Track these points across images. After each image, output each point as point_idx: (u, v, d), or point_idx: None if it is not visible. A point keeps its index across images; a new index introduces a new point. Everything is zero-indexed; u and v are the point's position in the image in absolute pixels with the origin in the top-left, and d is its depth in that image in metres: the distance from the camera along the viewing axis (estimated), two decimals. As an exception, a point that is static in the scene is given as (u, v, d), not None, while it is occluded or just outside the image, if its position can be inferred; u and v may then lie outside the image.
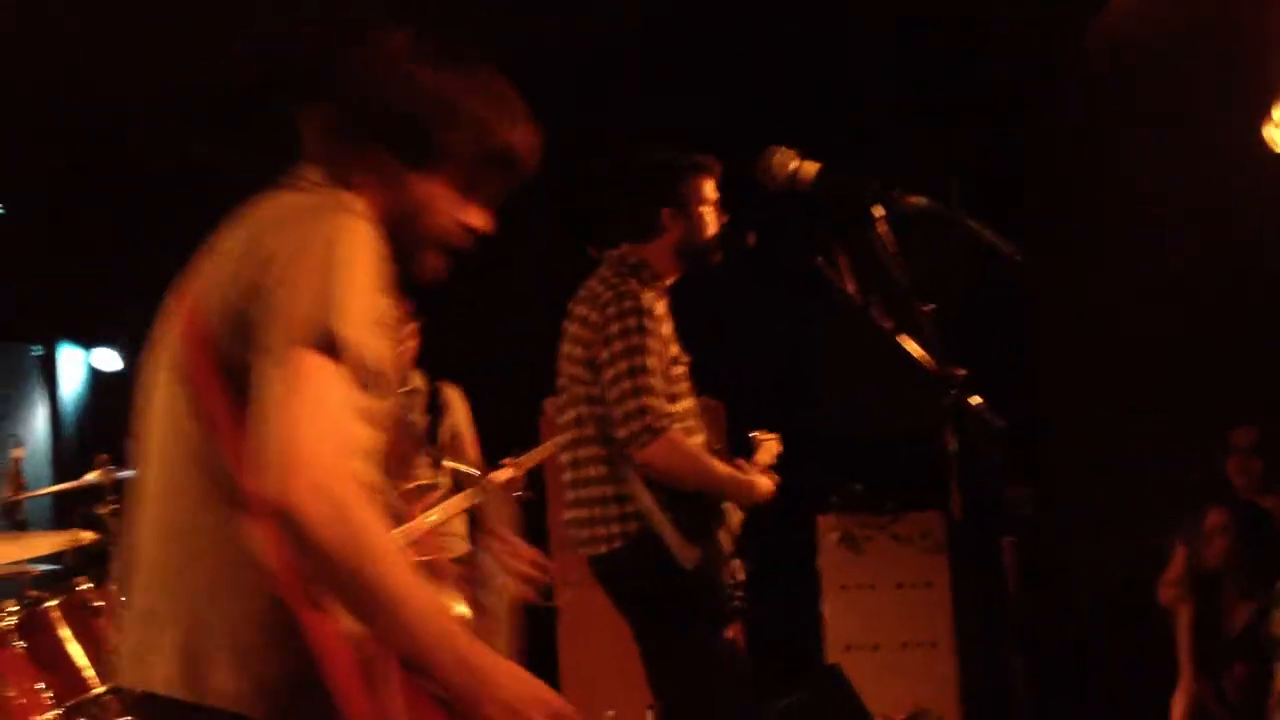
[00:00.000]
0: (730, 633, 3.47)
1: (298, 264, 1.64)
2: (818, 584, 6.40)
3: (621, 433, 3.31)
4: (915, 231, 2.19)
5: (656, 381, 3.32)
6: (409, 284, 1.90)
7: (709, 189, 3.61)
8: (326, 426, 1.55)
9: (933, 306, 2.09)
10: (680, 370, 3.49)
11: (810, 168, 2.25)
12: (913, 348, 2.32)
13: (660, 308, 3.49)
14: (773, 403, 6.30)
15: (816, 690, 5.20)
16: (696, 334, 3.67)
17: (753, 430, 3.99)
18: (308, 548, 1.51)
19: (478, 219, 1.92)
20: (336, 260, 1.64)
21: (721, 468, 3.48)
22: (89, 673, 3.74)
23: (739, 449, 4.17)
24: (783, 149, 2.26)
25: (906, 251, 2.12)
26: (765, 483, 3.61)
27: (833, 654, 6.22)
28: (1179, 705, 4.38)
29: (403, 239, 1.85)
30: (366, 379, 1.65)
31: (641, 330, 3.34)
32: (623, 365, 3.32)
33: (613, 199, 3.71)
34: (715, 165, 3.63)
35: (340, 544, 1.51)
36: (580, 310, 3.51)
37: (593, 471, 3.46)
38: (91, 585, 3.90)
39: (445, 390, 5.52)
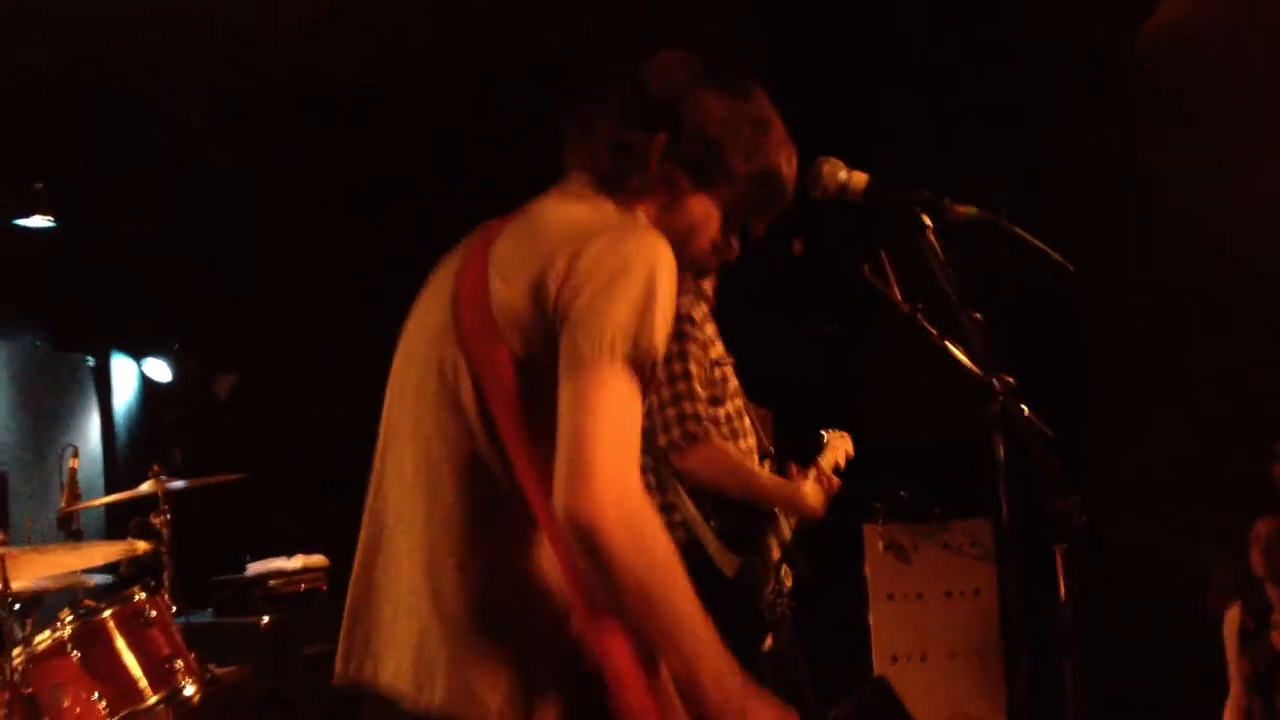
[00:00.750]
0: (769, 642, 3.42)
1: (621, 284, 1.64)
2: (864, 593, 6.37)
3: (661, 440, 3.29)
4: (964, 239, 2.18)
5: (696, 387, 3.31)
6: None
7: None
8: (630, 445, 1.57)
9: (980, 316, 2.07)
10: (722, 372, 3.46)
11: (860, 178, 2.25)
12: (960, 355, 2.31)
13: (701, 311, 3.47)
14: (819, 410, 6.28)
15: (864, 701, 5.17)
16: (742, 341, 3.67)
17: (825, 429, 3.97)
18: (607, 568, 1.53)
19: (730, 245, 1.96)
20: (654, 284, 1.65)
21: (764, 475, 3.46)
22: (143, 683, 3.79)
23: (791, 455, 4.16)
24: (831, 159, 2.26)
25: (955, 259, 2.12)
26: (813, 495, 3.57)
27: (879, 664, 6.19)
28: (1229, 717, 4.33)
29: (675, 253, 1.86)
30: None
31: (680, 337, 3.32)
32: (661, 373, 3.31)
33: None
34: None
35: (638, 562, 1.53)
36: None
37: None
38: (146, 595, 3.94)
39: None
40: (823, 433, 3.96)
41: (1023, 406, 2.15)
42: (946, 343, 2.35)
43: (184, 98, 5.95)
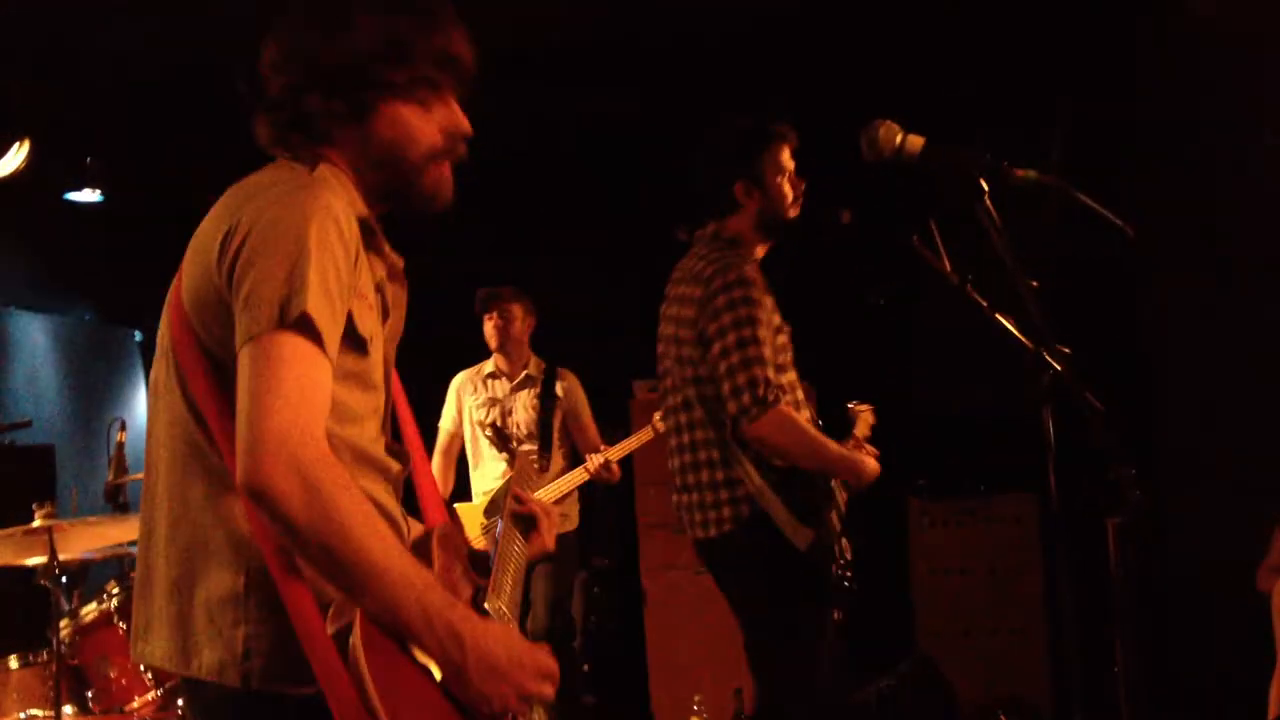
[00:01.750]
0: (838, 615, 3.39)
1: (266, 247, 1.69)
2: (908, 568, 6.34)
3: (731, 407, 3.25)
4: (1016, 205, 2.14)
5: (766, 352, 3.26)
6: (427, 209, 1.94)
7: (784, 157, 3.51)
8: (299, 406, 1.62)
9: (1036, 283, 2.04)
10: (783, 340, 3.43)
11: (916, 141, 2.21)
12: (1011, 327, 2.28)
13: (763, 279, 3.42)
14: (865, 382, 6.24)
15: (907, 678, 5.16)
16: (786, 312, 3.63)
17: (848, 402, 3.94)
18: (283, 525, 1.60)
19: (456, 122, 1.94)
20: (304, 240, 1.68)
21: (833, 445, 3.40)
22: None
23: (832, 428, 4.14)
24: (888, 122, 2.22)
25: (1011, 225, 2.08)
26: (873, 463, 3.53)
27: (923, 639, 6.16)
28: (1276, 693, 4.27)
29: (397, 169, 1.90)
30: (353, 345, 1.75)
31: (749, 302, 3.28)
32: (731, 338, 3.26)
33: (689, 177, 3.62)
34: (789, 132, 3.53)
35: (313, 520, 1.58)
36: (681, 290, 3.45)
37: (703, 455, 3.40)
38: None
39: (561, 375, 5.59)
40: (849, 406, 3.93)
41: (1077, 379, 2.12)
42: (998, 314, 2.32)
43: (235, 70, 5.96)
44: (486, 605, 1.99)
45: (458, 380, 5.67)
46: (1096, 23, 5.75)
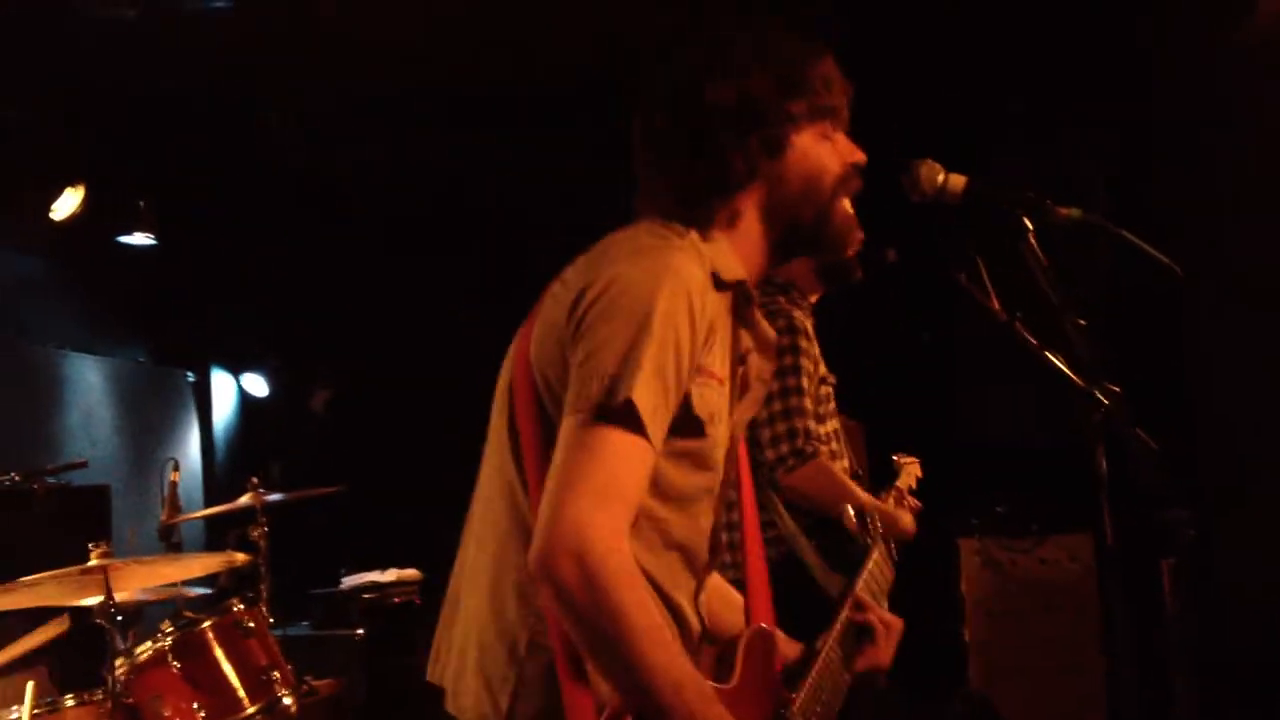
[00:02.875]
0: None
1: (611, 314, 1.65)
2: (961, 608, 6.27)
3: (770, 455, 3.26)
4: (1065, 242, 2.12)
5: (807, 403, 3.27)
6: (838, 249, 1.93)
7: (844, 205, 3.53)
8: (605, 501, 1.59)
9: (1084, 321, 2.02)
10: (826, 390, 3.44)
11: (958, 180, 2.20)
12: (1061, 365, 2.26)
13: (811, 325, 3.44)
14: (913, 421, 6.20)
15: (962, 717, 5.09)
16: (835, 351, 3.62)
17: (895, 452, 3.92)
18: (564, 610, 1.58)
19: (851, 151, 1.93)
20: (649, 316, 1.64)
21: (864, 495, 3.39)
22: (241, 693, 3.84)
23: (879, 471, 4.11)
24: (929, 161, 2.22)
25: (1055, 263, 2.06)
26: (907, 518, 3.51)
27: (977, 680, 6.08)
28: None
29: (808, 214, 1.87)
30: (687, 427, 1.71)
31: (795, 350, 3.29)
32: (774, 385, 3.26)
33: None
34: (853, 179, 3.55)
35: (590, 615, 1.56)
36: None
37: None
38: (244, 606, 3.99)
39: None
40: (895, 458, 3.90)
41: (1128, 417, 2.10)
42: (1047, 352, 2.30)
43: (287, 112, 6.04)
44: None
45: None
46: (1141, 48, 5.72)
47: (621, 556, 1.58)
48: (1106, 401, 2.12)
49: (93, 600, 3.82)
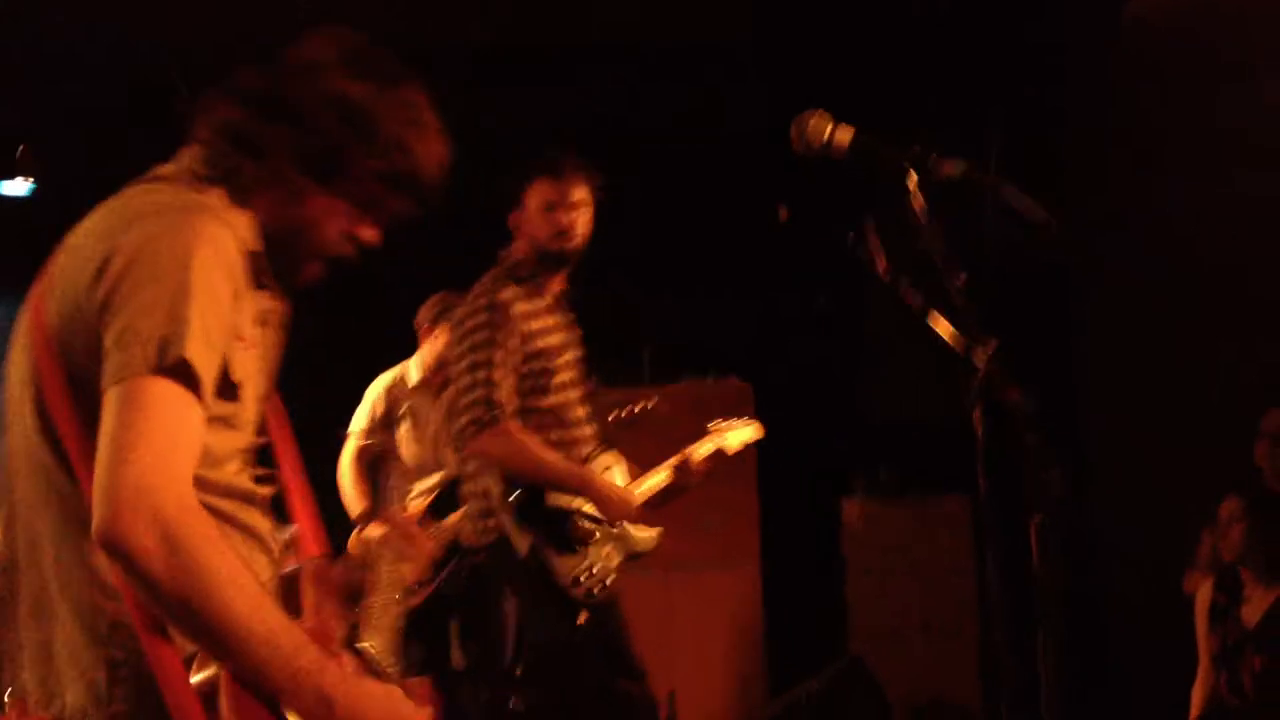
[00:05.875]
0: (583, 618, 3.57)
1: (146, 279, 1.58)
2: (842, 569, 6.35)
3: (454, 426, 3.58)
4: (953, 199, 2.12)
5: (497, 376, 3.51)
6: (288, 286, 1.85)
7: (545, 191, 3.68)
8: (166, 456, 1.52)
9: (964, 278, 2.02)
10: (548, 365, 3.63)
11: (845, 133, 2.19)
12: (943, 325, 2.26)
13: (533, 305, 3.64)
14: (809, 384, 6.23)
15: (838, 680, 5.17)
16: (729, 313, 3.65)
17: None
18: (141, 581, 1.51)
19: (367, 233, 1.86)
20: (188, 276, 1.58)
21: (555, 462, 3.59)
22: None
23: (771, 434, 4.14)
24: (819, 113, 2.20)
25: (943, 220, 2.06)
26: (606, 485, 3.67)
27: (856, 640, 6.17)
28: (1197, 695, 4.32)
29: (287, 247, 1.81)
30: (225, 390, 1.64)
31: (490, 325, 3.54)
32: (466, 360, 3.55)
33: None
34: (553, 165, 3.70)
35: (173, 577, 1.49)
36: (456, 315, 3.75)
37: (464, 468, 3.73)
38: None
39: None
40: (709, 426, 4.02)
41: (1007, 377, 2.11)
42: (929, 316, 2.30)
43: (185, 53, 5.86)
44: (359, 645, 1.89)
45: (385, 386, 5.14)
46: (1033, 34, 5.79)
47: (198, 513, 1.53)
48: (984, 363, 2.13)
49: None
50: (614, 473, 3.75)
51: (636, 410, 4.17)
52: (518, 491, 3.51)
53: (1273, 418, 4.79)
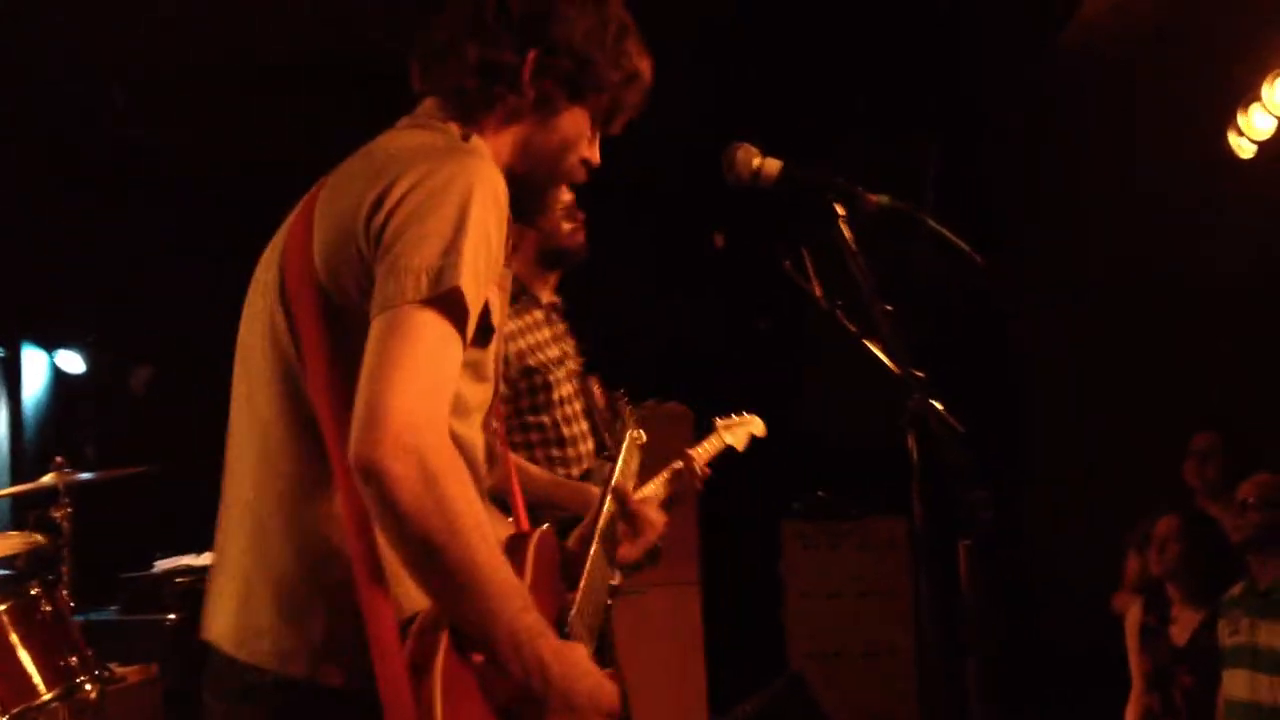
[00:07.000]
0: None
1: (428, 210, 1.59)
2: (781, 590, 6.37)
3: None
4: (891, 231, 2.16)
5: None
6: (525, 221, 1.92)
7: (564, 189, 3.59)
8: (431, 389, 1.52)
9: (892, 308, 2.05)
10: (544, 379, 3.49)
11: (773, 164, 2.22)
12: (878, 352, 2.29)
13: (523, 321, 3.50)
14: (747, 408, 6.24)
15: (778, 697, 5.17)
16: (672, 335, 3.65)
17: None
18: (390, 509, 1.48)
19: (595, 155, 1.95)
20: (466, 212, 1.59)
21: (541, 478, 3.43)
22: (37, 679, 3.69)
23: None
24: (746, 145, 2.23)
25: (877, 251, 2.09)
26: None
27: (795, 660, 6.20)
28: (1131, 715, 4.36)
29: (539, 175, 1.88)
30: (479, 335, 1.65)
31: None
32: None
33: None
34: None
35: (423, 510, 1.48)
36: None
37: None
38: (43, 590, 3.83)
39: None
40: (716, 420, 3.93)
41: (934, 401, 2.14)
42: (866, 340, 2.33)
43: (100, 71, 5.80)
44: (568, 626, 1.88)
45: None
46: (968, 57, 5.88)
47: (453, 453, 1.53)
48: (917, 386, 2.16)
49: None
50: None
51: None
52: None
53: (1200, 439, 4.88)
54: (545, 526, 1.94)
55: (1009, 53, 5.91)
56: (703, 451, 3.78)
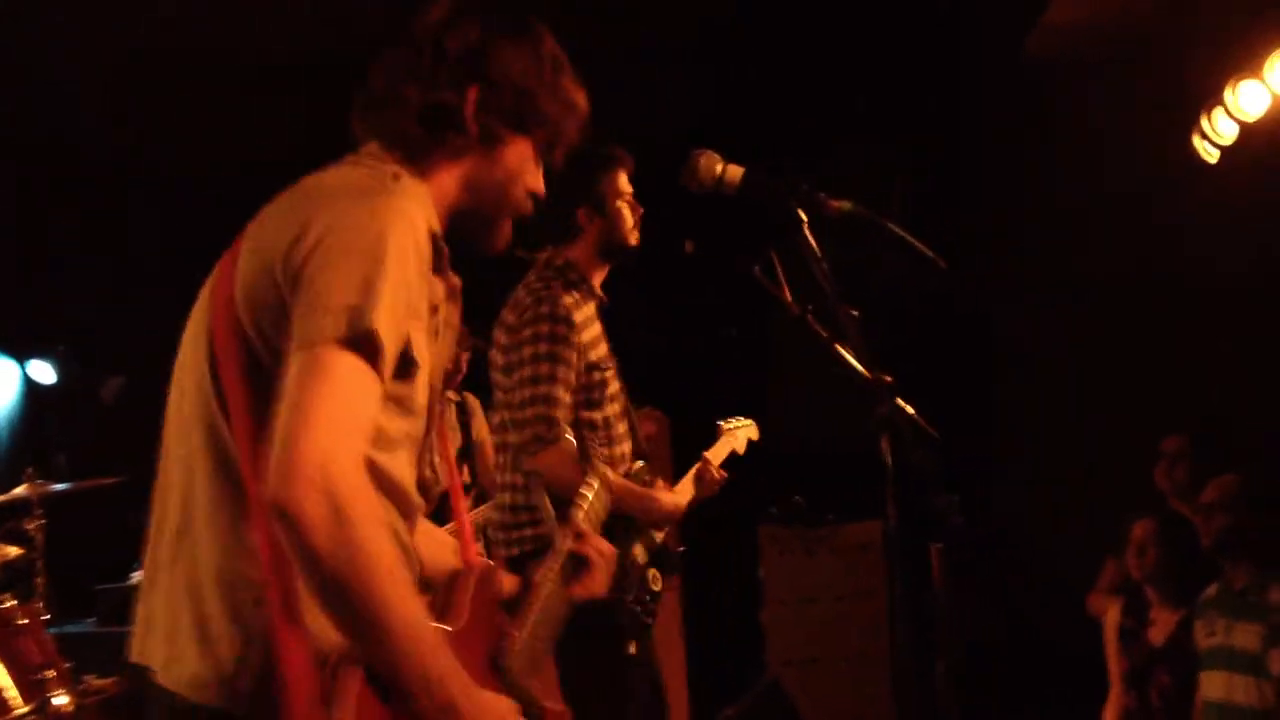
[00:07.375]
0: (633, 648, 3.38)
1: (341, 252, 1.61)
2: (760, 595, 6.38)
3: (514, 438, 3.35)
4: (862, 237, 2.17)
5: (558, 391, 3.31)
6: (482, 254, 1.94)
7: (622, 182, 3.56)
8: (346, 428, 1.53)
9: (858, 312, 2.07)
10: (602, 376, 3.47)
11: (736, 171, 2.24)
12: (849, 357, 2.30)
13: (585, 312, 3.47)
14: (720, 413, 6.26)
15: (756, 702, 5.19)
16: (641, 343, 3.64)
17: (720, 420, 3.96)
18: (303, 549, 1.50)
19: (539, 184, 1.98)
20: (384, 251, 1.61)
21: (615, 481, 3.42)
22: (11, 693, 3.67)
23: (683, 464, 4.13)
24: (709, 152, 2.25)
25: (847, 256, 2.11)
26: (667, 500, 3.54)
27: (773, 666, 6.20)
28: (1109, 715, 4.38)
29: (487, 208, 1.92)
30: (401, 368, 1.66)
31: (552, 338, 3.34)
32: (527, 371, 3.33)
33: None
34: (627, 158, 3.59)
35: (335, 552, 1.49)
36: (505, 316, 3.50)
37: (509, 478, 3.47)
38: (17, 603, 3.81)
39: (469, 400, 5.54)
40: (719, 424, 3.95)
41: (904, 405, 2.15)
42: (836, 345, 2.34)
43: (68, 84, 5.77)
44: (503, 662, 1.89)
45: None
46: (937, 70, 5.90)
47: (368, 493, 1.54)
48: (887, 391, 2.17)
49: None
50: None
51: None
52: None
53: (1170, 441, 4.92)
54: (487, 563, 1.97)
55: (1005, 52, 5.93)
56: (715, 455, 3.81)
